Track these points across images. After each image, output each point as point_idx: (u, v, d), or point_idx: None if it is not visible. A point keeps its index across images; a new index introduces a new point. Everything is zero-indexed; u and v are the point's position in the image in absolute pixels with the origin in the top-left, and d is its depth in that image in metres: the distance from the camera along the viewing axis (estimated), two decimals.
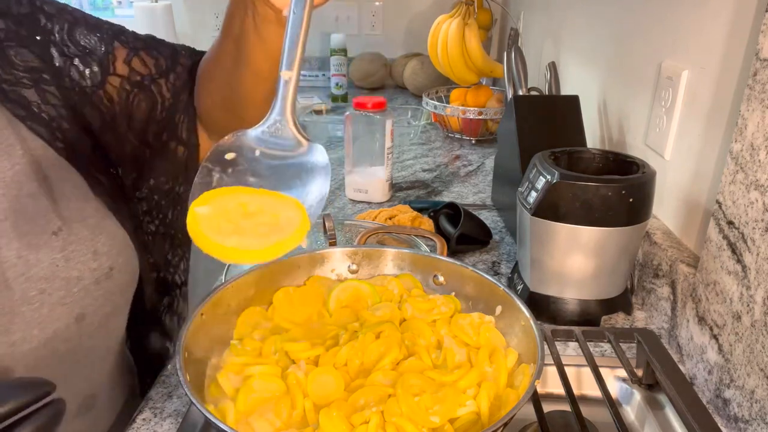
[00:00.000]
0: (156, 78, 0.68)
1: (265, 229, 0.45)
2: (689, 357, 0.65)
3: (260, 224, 0.45)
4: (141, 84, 0.68)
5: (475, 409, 0.48)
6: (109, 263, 0.59)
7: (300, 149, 0.50)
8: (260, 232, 0.45)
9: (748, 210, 0.55)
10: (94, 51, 0.65)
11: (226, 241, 0.44)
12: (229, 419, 0.46)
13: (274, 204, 0.47)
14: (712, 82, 0.69)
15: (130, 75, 0.67)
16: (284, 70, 0.48)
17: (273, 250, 0.45)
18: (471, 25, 1.60)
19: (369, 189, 1.14)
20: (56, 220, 0.56)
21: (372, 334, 0.54)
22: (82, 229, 0.58)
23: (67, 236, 0.56)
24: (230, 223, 0.45)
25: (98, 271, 0.58)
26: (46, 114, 0.61)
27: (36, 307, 0.53)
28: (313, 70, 2.36)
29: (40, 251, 0.54)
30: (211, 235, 0.44)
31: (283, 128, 0.49)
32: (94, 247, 0.58)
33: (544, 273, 0.74)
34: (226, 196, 0.46)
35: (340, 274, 0.64)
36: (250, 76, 0.63)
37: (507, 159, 1.01)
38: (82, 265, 0.57)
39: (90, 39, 0.65)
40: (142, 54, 0.68)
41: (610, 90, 1.03)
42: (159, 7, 2.15)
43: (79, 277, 0.56)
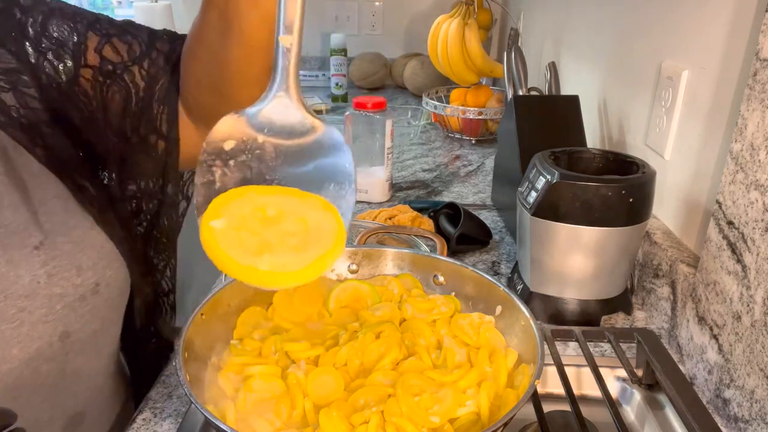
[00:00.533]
0: (129, 65, 0.61)
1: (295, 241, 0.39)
2: (689, 357, 0.65)
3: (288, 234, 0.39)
4: (113, 73, 0.61)
5: (475, 409, 0.48)
6: (94, 279, 0.56)
7: (312, 133, 0.42)
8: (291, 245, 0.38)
9: (748, 210, 0.55)
10: (66, 43, 0.59)
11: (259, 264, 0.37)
12: (229, 419, 0.46)
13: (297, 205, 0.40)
14: (712, 82, 0.69)
15: (102, 65, 0.61)
16: (283, 35, 0.39)
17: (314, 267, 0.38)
18: (471, 25, 1.60)
19: (369, 189, 1.14)
20: (38, 234, 0.52)
21: (372, 334, 0.54)
22: (66, 243, 0.54)
23: (50, 251, 0.52)
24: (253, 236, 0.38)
25: (83, 287, 0.54)
26: (26, 119, 0.56)
27: (16, 325, 0.50)
28: (313, 70, 2.36)
29: (20, 267, 0.50)
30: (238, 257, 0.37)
31: (287, 107, 0.42)
32: (78, 262, 0.54)
33: (544, 273, 0.74)
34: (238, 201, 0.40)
35: (340, 274, 0.64)
36: (241, 48, 0.55)
37: (507, 159, 1.01)
38: (65, 281, 0.53)
39: (63, 30, 0.59)
40: (114, 40, 0.61)
41: (610, 90, 1.03)
42: (159, 6, 2.15)
43: (62, 294, 0.53)
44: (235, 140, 0.41)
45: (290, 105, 0.41)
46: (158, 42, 0.64)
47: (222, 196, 0.40)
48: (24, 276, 0.51)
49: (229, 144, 0.41)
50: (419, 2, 2.28)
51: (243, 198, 0.40)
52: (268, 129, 0.42)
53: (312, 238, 0.39)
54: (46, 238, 0.53)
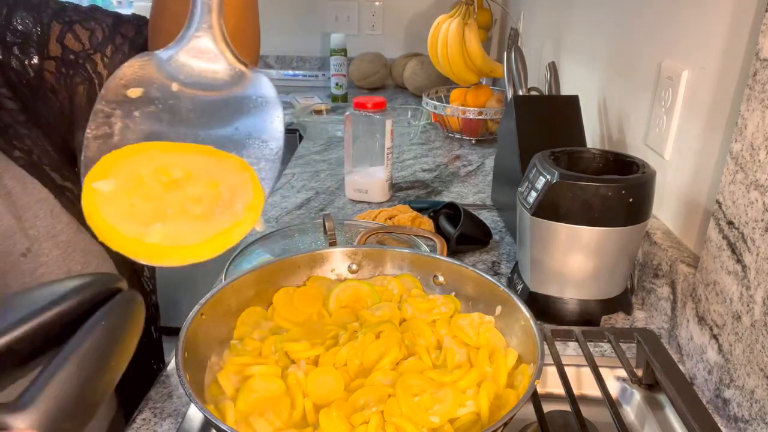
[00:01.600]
0: (90, 54, 0.58)
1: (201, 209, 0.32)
2: (689, 357, 0.65)
3: (192, 200, 0.32)
4: (75, 63, 0.57)
5: (475, 409, 0.48)
6: None
7: (238, 81, 0.36)
8: (195, 214, 0.32)
9: (748, 210, 0.55)
10: (30, 36, 0.56)
11: (147, 235, 0.31)
12: (229, 419, 0.46)
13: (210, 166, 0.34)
14: (712, 82, 0.69)
15: (64, 55, 0.57)
16: None
17: (215, 242, 0.32)
18: (471, 25, 1.60)
19: (369, 189, 1.14)
20: (23, 240, 0.51)
21: (372, 334, 0.54)
22: (53, 248, 0.53)
23: (37, 257, 0.51)
24: (148, 201, 0.32)
25: None
26: (2, 121, 0.54)
27: None
28: (313, 70, 2.36)
29: (7, 276, 0.49)
30: (121, 225, 0.31)
31: (208, 50, 0.35)
32: (67, 267, 0.53)
33: (544, 273, 0.74)
34: (136, 158, 0.33)
35: (340, 274, 0.64)
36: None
37: (507, 159, 1.01)
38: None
39: (27, 22, 0.56)
40: (76, 27, 0.57)
41: (610, 90, 1.03)
42: None
43: None
44: (143, 87, 0.34)
45: (212, 47, 0.35)
46: (123, 26, 0.59)
47: (116, 152, 0.33)
48: (12, 285, 0.49)
49: (135, 92, 0.34)
50: (419, 2, 2.28)
51: (144, 155, 0.33)
52: (185, 76, 0.35)
53: (221, 205, 0.33)
54: (32, 245, 0.51)
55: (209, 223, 0.32)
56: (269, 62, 2.39)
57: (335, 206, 1.14)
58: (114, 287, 0.30)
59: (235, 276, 0.58)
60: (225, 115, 0.35)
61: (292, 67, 2.39)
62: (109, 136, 0.34)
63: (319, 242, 0.81)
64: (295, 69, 2.38)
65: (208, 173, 0.33)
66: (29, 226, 0.52)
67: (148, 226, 0.31)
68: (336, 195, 1.19)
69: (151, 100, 0.35)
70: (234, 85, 0.35)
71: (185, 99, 0.35)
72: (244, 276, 0.58)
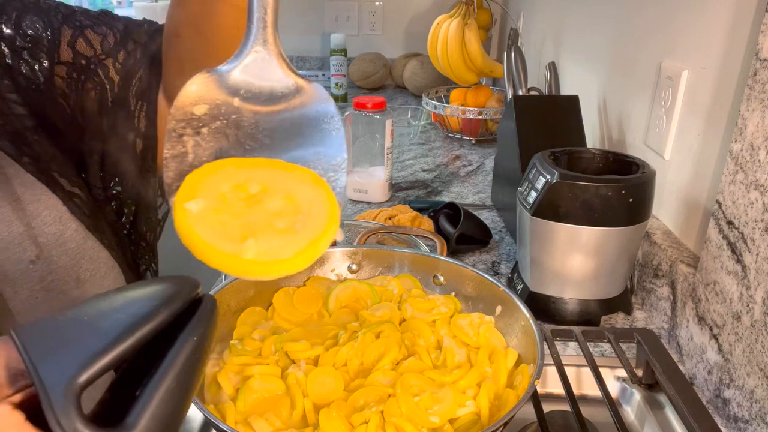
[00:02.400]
0: (102, 59, 0.57)
1: (284, 223, 0.33)
2: (689, 357, 0.65)
3: (274, 215, 0.33)
4: (87, 69, 0.57)
5: (475, 410, 0.48)
6: (93, 290, 0.55)
7: (297, 94, 0.36)
8: (280, 228, 0.33)
9: (748, 210, 0.55)
10: (40, 40, 0.55)
11: (244, 251, 0.32)
12: (229, 419, 0.46)
13: (283, 180, 0.35)
14: (712, 82, 0.69)
15: (75, 60, 0.56)
16: None
17: (307, 254, 0.33)
18: (471, 25, 1.60)
19: (369, 189, 1.14)
20: (33, 248, 0.50)
21: (372, 334, 0.54)
22: (62, 255, 0.52)
23: (47, 264, 0.51)
24: (235, 219, 0.33)
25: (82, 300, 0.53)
26: (11, 126, 0.54)
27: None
28: (313, 70, 2.36)
29: (16, 283, 0.49)
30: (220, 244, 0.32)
31: (267, 65, 0.36)
32: (76, 274, 0.53)
33: (544, 273, 0.74)
34: (214, 177, 0.34)
35: (340, 274, 0.64)
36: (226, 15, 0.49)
37: (507, 159, 1.01)
38: (64, 294, 0.52)
39: (37, 27, 0.55)
40: (88, 32, 0.57)
41: (610, 90, 1.03)
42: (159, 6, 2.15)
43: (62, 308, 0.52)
44: (207, 104, 0.35)
45: (270, 61, 0.35)
46: (135, 32, 0.59)
47: (196, 172, 0.34)
48: (21, 292, 0.49)
49: (201, 108, 0.35)
50: (419, 2, 2.28)
51: (220, 173, 0.34)
52: (245, 91, 0.36)
53: (302, 219, 0.33)
54: (42, 252, 0.51)
55: (295, 237, 0.33)
56: None
57: None
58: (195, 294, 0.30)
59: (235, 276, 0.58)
60: (287, 128, 0.36)
61: None
62: (184, 155, 0.35)
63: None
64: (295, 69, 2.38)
65: (283, 186, 0.34)
66: (38, 233, 0.51)
67: (242, 243, 0.32)
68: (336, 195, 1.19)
69: (216, 116, 0.35)
70: (292, 98, 0.36)
71: (247, 113, 0.36)
72: None
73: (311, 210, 0.34)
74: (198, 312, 0.30)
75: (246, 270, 0.32)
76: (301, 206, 0.34)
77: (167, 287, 0.30)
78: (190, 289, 0.30)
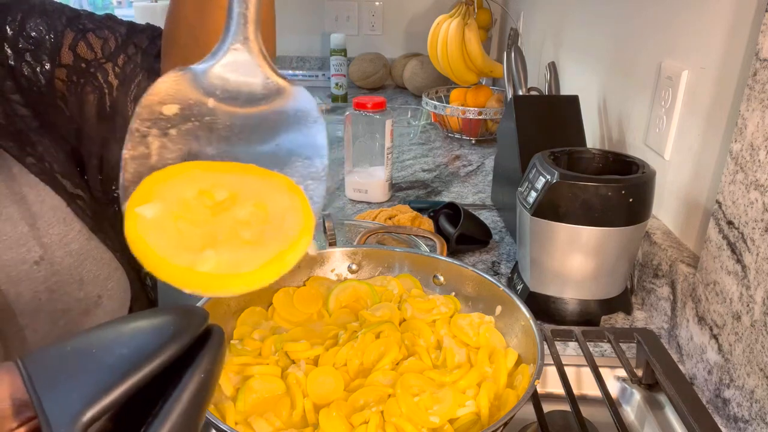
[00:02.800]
0: (102, 63, 0.57)
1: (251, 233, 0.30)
2: (689, 357, 0.65)
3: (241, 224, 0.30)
4: (87, 72, 0.57)
5: (475, 410, 0.48)
6: (96, 291, 0.54)
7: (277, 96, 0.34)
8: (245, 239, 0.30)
9: (748, 210, 0.55)
10: (43, 43, 0.55)
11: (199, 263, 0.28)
12: (229, 419, 0.46)
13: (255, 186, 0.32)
14: (712, 82, 0.69)
15: (75, 63, 0.56)
16: None
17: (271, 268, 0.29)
18: (471, 25, 1.60)
19: (369, 189, 1.14)
20: (37, 248, 0.50)
21: (372, 334, 0.54)
22: (66, 256, 0.52)
23: (50, 265, 0.51)
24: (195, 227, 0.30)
25: (85, 301, 0.53)
26: (14, 127, 0.53)
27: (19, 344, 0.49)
28: (313, 70, 2.36)
29: (20, 284, 0.49)
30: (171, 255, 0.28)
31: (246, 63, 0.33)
32: (79, 276, 0.53)
33: (544, 273, 0.74)
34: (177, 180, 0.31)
35: (339, 274, 0.64)
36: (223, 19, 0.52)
37: (507, 159, 1.01)
38: (68, 296, 0.51)
39: (41, 29, 0.55)
40: (90, 36, 0.57)
41: (610, 90, 1.03)
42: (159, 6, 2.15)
43: (66, 309, 0.51)
44: (179, 104, 0.32)
45: (249, 60, 0.33)
46: (136, 36, 0.58)
47: (156, 173, 0.31)
48: (25, 293, 0.49)
49: (171, 108, 0.32)
50: (419, 2, 2.28)
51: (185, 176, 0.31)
52: (221, 91, 0.33)
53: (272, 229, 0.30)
54: (45, 253, 0.51)
55: (262, 249, 0.29)
56: None
57: (335, 206, 1.14)
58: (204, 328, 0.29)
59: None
60: (265, 132, 0.34)
61: (292, 67, 2.39)
62: (146, 157, 0.32)
63: (319, 242, 0.81)
64: (295, 69, 2.38)
65: (254, 194, 0.31)
66: (42, 234, 0.51)
67: (199, 254, 0.29)
68: (336, 195, 1.19)
69: (187, 117, 0.33)
70: (272, 99, 0.34)
71: (222, 115, 0.33)
72: None
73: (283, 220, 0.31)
74: (206, 346, 0.28)
75: (201, 284, 0.29)
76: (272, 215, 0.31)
77: (176, 320, 0.28)
78: (199, 322, 0.29)
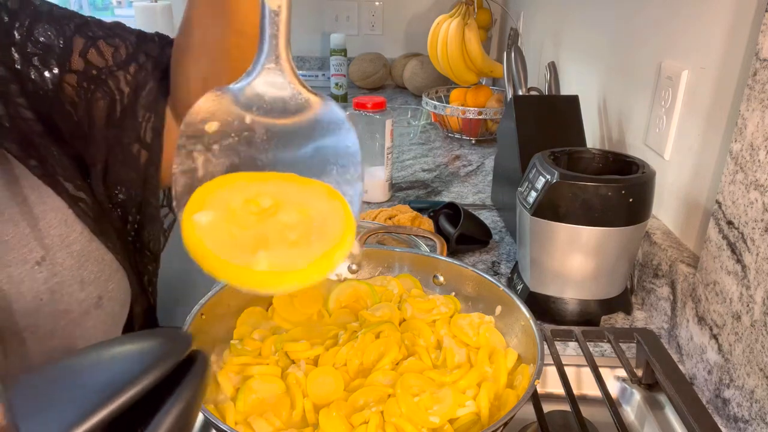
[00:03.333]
0: (114, 70, 0.58)
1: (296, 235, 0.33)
2: (689, 357, 0.65)
3: (287, 227, 0.33)
4: (98, 79, 0.57)
5: (475, 410, 0.48)
6: (97, 292, 0.55)
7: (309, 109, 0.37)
8: (292, 240, 0.32)
9: (748, 210, 0.55)
10: (52, 48, 0.56)
11: (255, 263, 0.31)
12: (229, 419, 0.46)
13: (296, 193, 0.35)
14: (712, 82, 0.69)
15: (86, 69, 0.57)
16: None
17: (321, 264, 0.32)
18: (471, 25, 1.60)
19: (369, 189, 1.14)
20: (38, 249, 0.51)
21: (372, 334, 0.54)
22: (67, 257, 0.53)
23: (52, 266, 0.51)
24: (245, 231, 0.32)
25: (87, 302, 0.54)
26: (18, 129, 0.54)
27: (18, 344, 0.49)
28: (312, 70, 2.36)
29: (22, 285, 0.49)
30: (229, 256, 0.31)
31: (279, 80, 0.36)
32: (80, 277, 0.53)
33: (544, 273, 0.74)
34: (225, 190, 0.34)
35: (339, 274, 0.64)
36: (234, 35, 0.51)
37: (507, 159, 1.01)
38: (69, 296, 0.52)
39: (49, 34, 0.56)
40: (100, 43, 0.58)
41: (610, 90, 1.03)
42: (159, 6, 2.15)
43: (67, 309, 0.52)
44: (219, 121, 0.36)
45: (282, 78, 0.36)
46: (147, 45, 0.60)
47: (206, 185, 0.35)
48: (26, 294, 0.49)
49: (212, 126, 0.36)
50: (419, 2, 2.28)
51: (231, 187, 0.34)
52: (258, 107, 0.36)
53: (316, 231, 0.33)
54: (47, 254, 0.51)
55: (309, 249, 0.32)
56: None
57: None
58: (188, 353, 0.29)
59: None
60: (300, 142, 0.37)
61: None
62: (194, 171, 0.35)
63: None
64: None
65: (296, 200, 0.34)
66: (44, 234, 0.52)
67: (253, 255, 0.31)
68: None
69: (228, 132, 0.36)
70: (305, 112, 0.37)
71: (260, 129, 0.36)
72: None
73: (326, 222, 0.33)
74: (190, 372, 0.29)
75: (258, 282, 0.31)
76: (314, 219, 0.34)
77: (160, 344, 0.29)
78: (182, 348, 0.29)
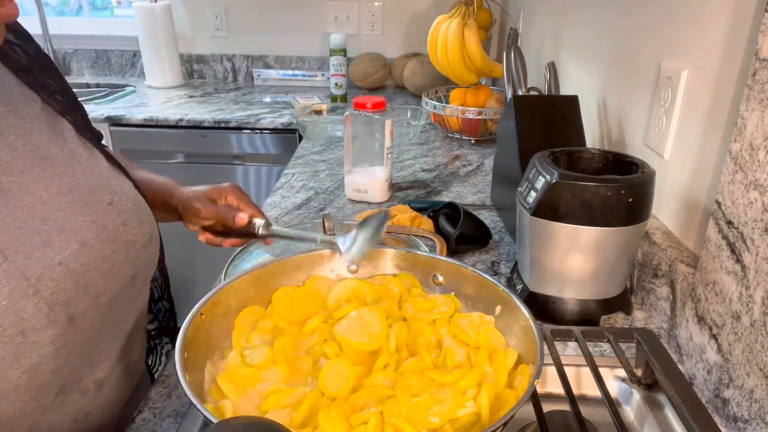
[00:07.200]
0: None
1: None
2: (688, 357, 0.65)
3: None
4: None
5: (475, 410, 0.48)
6: (150, 231, 0.66)
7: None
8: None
9: (748, 210, 0.55)
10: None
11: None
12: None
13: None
14: (712, 82, 0.69)
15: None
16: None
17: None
18: (470, 25, 1.60)
19: (368, 189, 1.14)
20: (107, 194, 0.61)
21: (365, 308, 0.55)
22: (128, 200, 0.64)
23: (119, 206, 0.62)
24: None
25: (144, 237, 0.64)
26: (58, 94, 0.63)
27: (109, 266, 0.58)
28: (312, 70, 2.36)
29: (105, 217, 0.59)
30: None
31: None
32: (139, 216, 0.64)
33: (544, 273, 0.74)
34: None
35: (339, 274, 0.64)
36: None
37: (506, 159, 1.01)
38: (134, 230, 0.63)
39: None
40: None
41: (609, 90, 1.03)
42: (158, 7, 2.15)
43: (134, 240, 0.62)
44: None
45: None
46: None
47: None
48: (108, 225, 0.59)
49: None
50: (419, 2, 2.28)
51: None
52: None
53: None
54: (115, 196, 0.62)
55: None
56: (269, 62, 2.39)
57: (335, 206, 1.14)
58: None
59: (235, 276, 0.58)
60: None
61: (292, 67, 2.39)
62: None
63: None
64: (295, 69, 2.38)
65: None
66: (107, 183, 0.62)
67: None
68: (335, 195, 1.19)
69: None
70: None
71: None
72: (243, 276, 0.58)
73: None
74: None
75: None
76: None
77: None
78: None
